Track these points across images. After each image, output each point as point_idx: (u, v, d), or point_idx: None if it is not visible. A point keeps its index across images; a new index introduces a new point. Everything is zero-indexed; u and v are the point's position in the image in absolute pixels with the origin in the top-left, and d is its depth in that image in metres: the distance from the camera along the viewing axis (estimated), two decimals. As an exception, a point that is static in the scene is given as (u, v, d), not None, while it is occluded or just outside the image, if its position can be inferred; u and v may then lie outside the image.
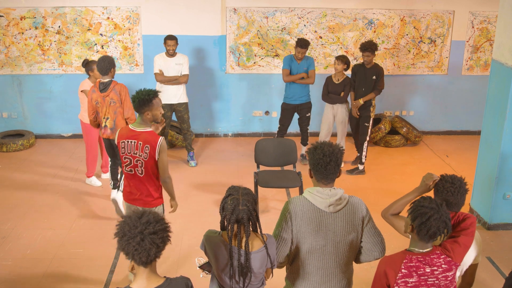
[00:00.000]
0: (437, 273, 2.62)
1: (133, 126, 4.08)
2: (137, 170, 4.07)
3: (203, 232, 3.13)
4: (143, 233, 2.29)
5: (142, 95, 3.96)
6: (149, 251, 2.30)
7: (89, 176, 6.52)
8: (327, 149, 2.85)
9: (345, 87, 6.90)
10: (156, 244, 2.32)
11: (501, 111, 5.39)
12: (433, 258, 2.64)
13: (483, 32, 8.29)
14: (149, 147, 3.98)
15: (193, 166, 7.19)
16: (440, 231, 2.59)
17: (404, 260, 2.62)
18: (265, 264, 2.79)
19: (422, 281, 2.60)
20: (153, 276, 2.40)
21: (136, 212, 2.39)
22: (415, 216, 2.63)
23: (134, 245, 2.29)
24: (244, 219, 2.69)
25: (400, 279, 2.59)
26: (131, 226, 2.32)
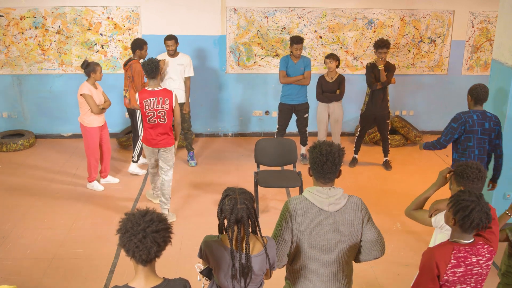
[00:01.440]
0: (482, 262, 2.73)
1: (149, 88, 5.35)
2: (160, 120, 5.37)
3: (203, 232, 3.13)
4: (145, 231, 2.30)
5: (152, 64, 5.29)
6: (150, 249, 2.30)
7: (91, 180, 6.41)
8: (324, 149, 2.84)
9: (340, 84, 6.90)
10: (157, 243, 2.32)
11: (501, 111, 5.39)
12: (479, 249, 2.74)
13: (483, 32, 8.29)
14: (168, 99, 5.35)
15: (193, 166, 7.19)
16: (483, 222, 2.67)
17: (453, 251, 2.70)
18: (264, 266, 2.78)
19: (468, 271, 2.71)
20: (152, 275, 2.41)
21: (140, 211, 2.41)
22: (457, 210, 2.70)
23: (135, 242, 2.29)
24: (244, 217, 2.68)
25: (450, 269, 2.68)
26: (134, 223, 2.33)
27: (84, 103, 6.02)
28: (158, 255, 2.37)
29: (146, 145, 5.53)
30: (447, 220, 2.81)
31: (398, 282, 4.71)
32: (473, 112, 4.77)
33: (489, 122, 4.75)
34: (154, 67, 5.28)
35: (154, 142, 5.44)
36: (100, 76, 6.06)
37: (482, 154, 4.81)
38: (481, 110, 4.80)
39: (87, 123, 6.10)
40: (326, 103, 7.02)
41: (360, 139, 7.28)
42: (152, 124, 5.37)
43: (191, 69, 6.91)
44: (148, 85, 5.38)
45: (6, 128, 8.03)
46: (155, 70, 5.29)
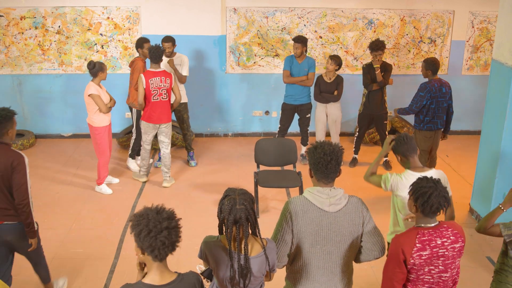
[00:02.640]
0: (447, 244, 2.86)
1: (152, 69, 6.18)
2: (163, 97, 6.19)
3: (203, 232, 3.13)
4: (168, 228, 2.39)
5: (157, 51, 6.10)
6: (174, 244, 2.40)
7: (100, 183, 6.35)
8: (327, 148, 2.85)
9: (338, 85, 6.90)
10: (179, 236, 2.43)
11: (501, 111, 5.39)
12: (442, 231, 2.88)
13: (483, 32, 8.29)
14: (169, 79, 6.21)
15: (193, 166, 7.19)
16: (442, 205, 2.84)
17: (418, 235, 2.85)
18: (263, 267, 2.78)
19: (434, 253, 2.83)
20: (166, 271, 2.45)
21: (151, 209, 2.47)
22: (416, 197, 2.87)
23: (161, 240, 2.35)
24: (242, 218, 2.67)
25: (415, 252, 2.82)
26: (155, 222, 2.39)
27: (92, 104, 6.00)
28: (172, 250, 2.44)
29: (147, 122, 6.28)
30: (410, 208, 2.97)
31: (398, 282, 4.71)
32: (434, 81, 5.89)
33: (445, 87, 5.95)
34: (158, 54, 6.12)
35: (156, 118, 6.23)
36: (105, 75, 6.09)
37: (441, 113, 5.97)
38: (437, 79, 5.96)
39: (96, 123, 6.08)
40: (324, 104, 7.02)
41: (359, 140, 7.29)
42: (155, 101, 6.17)
43: (185, 68, 6.84)
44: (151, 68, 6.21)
45: (6, 128, 8.02)
46: (158, 57, 6.13)
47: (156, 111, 6.21)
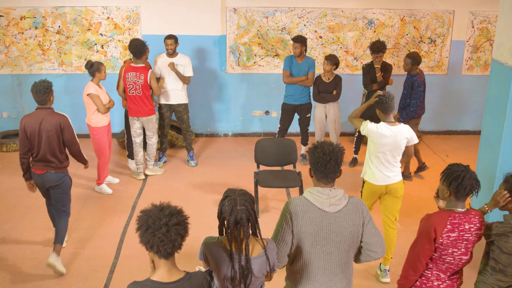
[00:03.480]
0: (473, 230, 3.05)
1: (133, 64, 6.36)
2: (137, 92, 6.36)
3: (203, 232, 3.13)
4: (167, 225, 2.38)
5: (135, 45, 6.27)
6: (174, 241, 2.38)
7: (100, 183, 6.35)
8: (327, 148, 2.86)
9: (336, 85, 6.90)
10: (180, 235, 2.41)
11: (501, 111, 5.38)
12: (471, 217, 3.06)
13: (483, 32, 8.29)
14: (144, 75, 6.33)
15: (193, 166, 7.19)
16: (474, 187, 3.02)
17: (450, 217, 3.02)
18: (264, 268, 2.77)
19: (460, 236, 3.02)
20: (174, 269, 2.47)
21: (156, 206, 2.48)
22: (450, 181, 3.03)
23: (159, 237, 2.35)
24: (243, 219, 2.67)
25: (445, 233, 3.00)
26: (155, 218, 2.40)
27: (90, 104, 6.01)
28: (180, 247, 2.45)
29: (129, 114, 6.58)
30: (442, 193, 3.12)
31: (398, 282, 4.71)
32: (421, 73, 6.63)
33: (424, 77, 6.67)
34: (138, 49, 6.26)
35: (134, 111, 6.47)
36: (105, 75, 6.08)
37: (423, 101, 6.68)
38: (420, 70, 6.67)
39: (95, 124, 6.09)
40: (322, 104, 7.01)
41: (359, 139, 7.29)
42: (131, 95, 6.40)
43: (190, 69, 6.88)
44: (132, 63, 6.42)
45: (6, 128, 8.03)
46: (138, 52, 6.27)
47: (133, 104, 6.45)
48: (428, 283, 3.14)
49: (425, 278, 3.15)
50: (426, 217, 3.10)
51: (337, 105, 7.02)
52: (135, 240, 5.66)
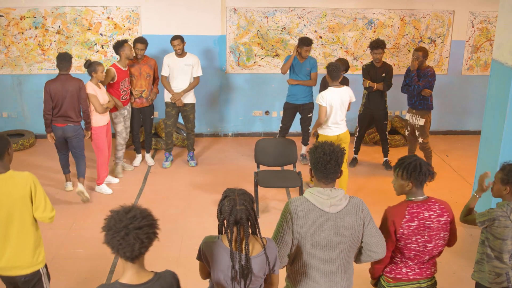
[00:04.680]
0: (433, 217, 3.08)
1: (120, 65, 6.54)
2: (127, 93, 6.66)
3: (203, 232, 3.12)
4: (128, 228, 2.32)
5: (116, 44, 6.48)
6: (133, 246, 2.31)
7: (100, 183, 6.36)
8: (327, 148, 2.86)
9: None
10: (140, 240, 2.32)
11: (501, 111, 5.38)
12: (430, 205, 3.10)
13: (483, 32, 8.29)
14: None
15: (193, 166, 7.19)
16: (430, 172, 3.08)
17: (407, 207, 3.07)
18: (264, 268, 2.77)
19: (421, 225, 3.06)
20: (142, 271, 2.43)
21: (125, 207, 2.43)
22: (409, 173, 3.06)
23: (118, 239, 2.32)
24: (243, 219, 2.67)
25: (405, 223, 3.05)
26: (117, 220, 2.36)
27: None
28: (142, 252, 2.37)
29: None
30: (401, 188, 3.13)
31: (398, 282, 4.71)
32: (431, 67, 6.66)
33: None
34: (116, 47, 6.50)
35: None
36: (102, 76, 6.06)
37: None
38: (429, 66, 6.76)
39: (94, 123, 6.09)
40: None
41: (359, 140, 7.30)
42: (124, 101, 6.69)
43: (199, 69, 6.88)
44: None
45: (6, 128, 8.03)
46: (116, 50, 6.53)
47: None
48: (396, 269, 3.18)
49: (394, 265, 3.19)
50: (386, 210, 3.15)
51: None
52: (135, 240, 5.61)
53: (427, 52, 6.57)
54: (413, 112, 6.73)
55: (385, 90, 6.91)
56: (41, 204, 3.33)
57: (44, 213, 3.33)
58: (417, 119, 6.68)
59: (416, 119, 6.70)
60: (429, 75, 6.53)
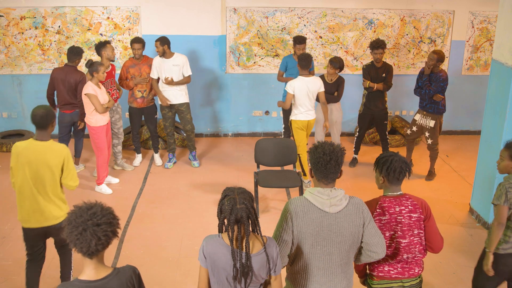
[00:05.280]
0: (404, 212, 3.14)
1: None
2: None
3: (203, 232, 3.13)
4: (86, 224, 2.37)
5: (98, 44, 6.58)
6: (89, 242, 2.35)
7: (100, 183, 6.36)
8: (327, 148, 2.86)
9: (338, 86, 6.90)
10: (97, 237, 2.37)
11: (501, 111, 5.39)
12: (402, 200, 3.16)
13: (483, 32, 8.29)
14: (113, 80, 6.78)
15: (196, 166, 7.18)
16: (404, 169, 3.13)
17: (379, 202, 3.16)
18: (264, 266, 2.76)
19: (393, 219, 3.13)
20: (101, 266, 2.47)
21: (88, 203, 2.48)
22: (381, 167, 3.17)
23: (76, 234, 2.36)
24: (243, 217, 2.67)
25: (376, 217, 3.13)
26: (77, 215, 2.40)
27: (88, 103, 6.01)
28: (99, 249, 2.40)
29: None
30: (378, 182, 3.25)
31: (398, 282, 4.71)
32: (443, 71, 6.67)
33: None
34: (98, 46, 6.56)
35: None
36: (103, 76, 6.07)
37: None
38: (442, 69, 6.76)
39: (93, 123, 6.09)
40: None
41: (359, 140, 7.30)
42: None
43: (188, 68, 6.83)
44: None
45: (6, 128, 8.03)
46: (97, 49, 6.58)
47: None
48: (379, 267, 3.22)
49: (376, 263, 3.22)
50: None
51: (339, 106, 7.03)
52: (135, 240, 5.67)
53: (443, 56, 6.51)
54: (424, 114, 6.72)
55: (385, 90, 6.92)
56: (69, 174, 3.95)
57: (69, 182, 3.97)
58: (428, 121, 6.69)
59: (427, 120, 6.70)
60: (441, 80, 6.52)
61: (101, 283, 2.43)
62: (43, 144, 3.88)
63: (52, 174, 3.88)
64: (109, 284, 2.44)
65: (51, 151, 3.88)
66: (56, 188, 3.94)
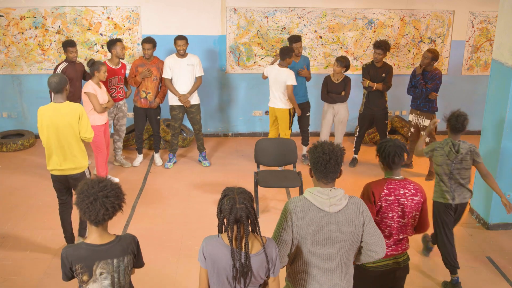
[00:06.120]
0: (408, 195, 3.40)
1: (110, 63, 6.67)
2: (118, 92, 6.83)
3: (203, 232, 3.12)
4: (97, 195, 2.67)
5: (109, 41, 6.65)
6: (98, 211, 2.67)
7: None
8: (327, 148, 2.87)
9: (345, 86, 6.90)
10: (105, 207, 2.68)
11: (501, 111, 5.39)
12: (406, 184, 3.44)
13: (483, 32, 8.29)
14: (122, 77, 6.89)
15: (207, 166, 7.19)
16: (398, 153, 3.39)
17: (386, 183, 3.43)
18: (263, 267, 2.76)
19: (396, 201, 3.38)
20: (105, 234, 2.82)
21: (99, 178, 2.78)
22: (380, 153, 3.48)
23: (86, 203, 2.67)
24: (243, 217, 2.67)
25: (383, 197, 3.39)
26: (89, 186, 2.71)
27: (87, 102, 6.03)
28: (106, 219, 2.73)
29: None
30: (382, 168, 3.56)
31: (398, 282, 4.71)
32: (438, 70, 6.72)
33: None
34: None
35: None
36: (104, 76, 6.08)
37: None
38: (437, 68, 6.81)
39: (91, 122, 6.06)
40: (331, 104, 7.01)
41: (359, 139, 7.30)
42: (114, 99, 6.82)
43: (201, 69, 6.90)
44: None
45: (6, 128, 8.03)
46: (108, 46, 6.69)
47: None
48: None
49: None
50: (366, 185, 3.51)
51: (346, 106, 7.03)
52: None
53: (437, 55, 6.57)
54: (417, 113, 6.77)
55: (384, 90, 6.92)
56: (84, 128, 4.72)
57: (85, 134, 4.74)
58: (422, 120, 6.75)
59: (421, 119, 6.76)
60: (437, 77, 6.56)
61: (105, 248, 2.77)
62: (61, 105, 4.69)
63: (71, 129, 4.66)
64: (112, 248, 2.79)
65: (68, 110, 4.67)
66: (77, 141, 4.73)
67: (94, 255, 2.75)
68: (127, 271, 2.87)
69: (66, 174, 4.79)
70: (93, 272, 2.76)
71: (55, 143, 4.69)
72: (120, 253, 2.81)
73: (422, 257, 5.12)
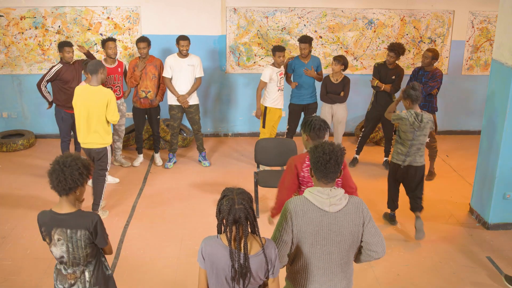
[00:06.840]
0: None
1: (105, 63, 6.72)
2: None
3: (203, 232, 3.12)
4: (64, 165, 2.97)
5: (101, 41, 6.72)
6: (63, 181, 2.97)
7: None
8: (327, 148, 2.87)
9: (344, 86, 6.90)
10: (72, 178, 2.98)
11: (501, 111, 5.39)
12: None
13: (483, 32, 8.29)
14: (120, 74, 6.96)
15: (207, 166, 7.19)
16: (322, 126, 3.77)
17: (307, 156, 3.74)
18: (262, 268, 2.76)
19: None
20: (68, 205, 3.09)
21: (75, 154, 3.11)
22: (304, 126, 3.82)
23: (50, 172, 3.00)
24: (241, 218, 2.67)
25: (305, 167, 3.80)
26: (57, 158, 3.03)
27: None
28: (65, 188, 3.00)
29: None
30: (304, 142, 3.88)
31: (398, 282, 4.71)
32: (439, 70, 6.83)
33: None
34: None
35: None
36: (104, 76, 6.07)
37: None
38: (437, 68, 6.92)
39: None
40: (329, 104, 7.01)
41: (363, 140, 7.28)
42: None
43: (201, 69, 6.90)
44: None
45: (6, 128, 8.03)
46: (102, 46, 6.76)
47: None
48: None
49: None
50: (290, 159, 3.89)
51: (344, 106, 7.02)
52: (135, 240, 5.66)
53: (437, 54, 6.60)
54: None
55: (392, 92, 6.93)
56: (111, 111, 5.36)
57: (111, 117, 5.38)
58: None
59: None
60: (438, 75, 6.60)
61: (62, 217, 3.07)
62: (94, 88, 5.33)
63: (99, 110, 5.29)
64: (68, 219, 3.07)
65: (99, 93, 5.31)
66: (103, 122, 5.36)
67: (52, 222, 3.09)
68: (81, 244, 3.10)
69: (90, 148, 5.47)
70: (52, 236, 3.11)
71: (83, 120, 5.34)
72: (74, 225, 3.07)
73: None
